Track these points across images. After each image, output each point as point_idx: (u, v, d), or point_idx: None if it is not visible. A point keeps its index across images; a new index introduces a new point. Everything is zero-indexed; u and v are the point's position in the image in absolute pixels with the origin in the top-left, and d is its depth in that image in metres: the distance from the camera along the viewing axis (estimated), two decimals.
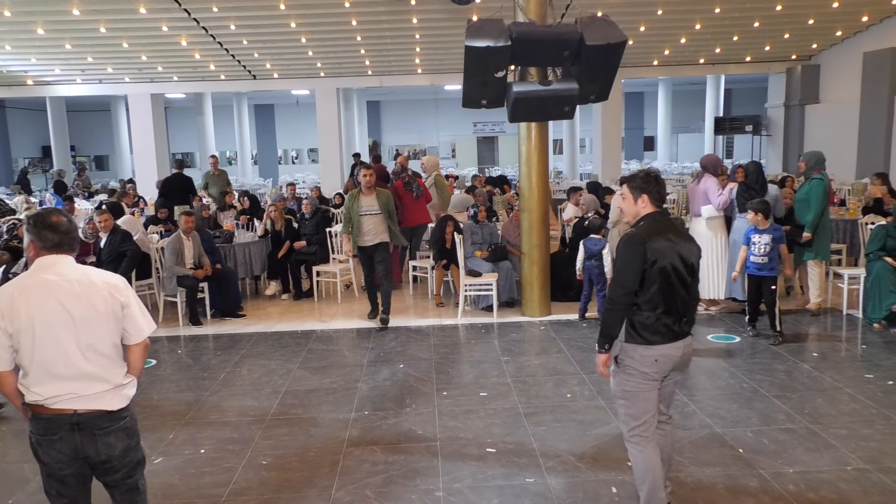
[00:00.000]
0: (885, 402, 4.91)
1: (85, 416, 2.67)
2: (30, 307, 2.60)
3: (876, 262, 6.82)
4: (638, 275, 3.17)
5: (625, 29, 6.35)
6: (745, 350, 6.21)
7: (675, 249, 3.21)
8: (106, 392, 2.70)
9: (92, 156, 29.82)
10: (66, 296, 2.64)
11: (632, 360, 3.23)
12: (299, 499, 3.83)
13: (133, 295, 2.82)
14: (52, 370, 2.63)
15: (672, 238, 3.23)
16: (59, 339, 2.62)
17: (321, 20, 12.84)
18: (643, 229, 3.24)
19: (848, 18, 14.04)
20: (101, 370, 2.69)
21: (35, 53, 14.71)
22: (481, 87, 6.26)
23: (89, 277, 2.72)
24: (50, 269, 2.68)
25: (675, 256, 3.20)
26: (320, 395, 5.40)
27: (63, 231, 2.73)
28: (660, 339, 3.19)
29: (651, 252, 3.15)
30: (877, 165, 13.50)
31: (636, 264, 3.17)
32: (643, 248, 3.16)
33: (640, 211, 3.33)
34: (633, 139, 29.71)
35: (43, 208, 2.97)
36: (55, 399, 2.65)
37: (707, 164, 7.41)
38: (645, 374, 3.22)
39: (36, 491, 4.01)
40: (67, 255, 2.75)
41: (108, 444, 2.71)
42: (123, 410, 2.77)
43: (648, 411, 3.25)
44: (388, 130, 30.71)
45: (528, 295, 7.60)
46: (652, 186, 3.30)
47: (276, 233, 8.99)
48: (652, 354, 3.19)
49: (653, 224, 3.26)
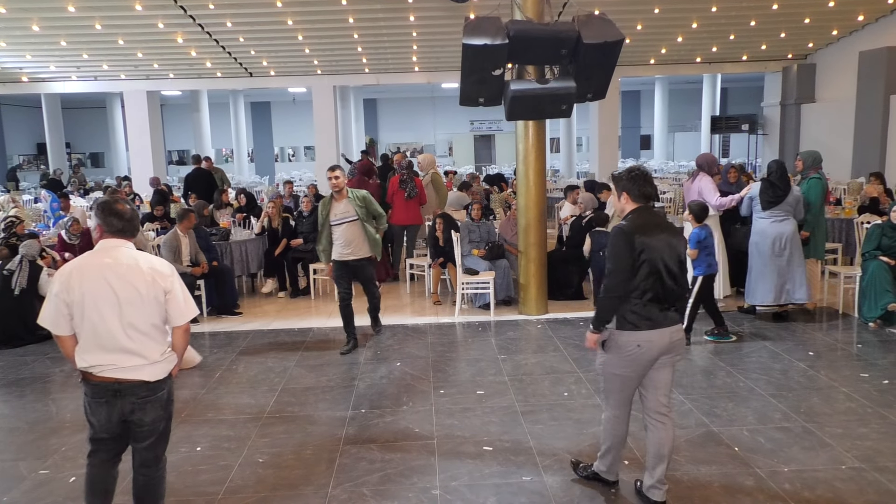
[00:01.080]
0: (881, 401, 4.92)
1: (125, 385, 3.01)
2: (82, 284, 2.96)
3: (871, 261, 6.84)
4: (629, 264, 3.37)
5: (622, 27, 6.35)
6: (741, 349, 6.22)
7: (660, 241, 3.40)
8: (144, 366, 3.03)
9: (87, 153, 29.74)
10: (114, 277, 2.97)
11: (616, 344, 3.46)
12: (296, 497, 3.82)
13: (178, 281, 3.11)
14: (98, 342, 2.98)
15: (658, 231, 3.42)
16: (104, 315, 2.96)
17: (318, 18, 12.82)
18: (629, 223, 3.44)
19: (844, 17, 14.07)
20: (139, 347, 3.01)
21: (30, 50, 14.65)
22: (478, 85, 6.25)
23: (137, 262, 3.03)
24: (108, 252, 3.03)
25: (661, 248, 3.39)
26: (317, 393, 5.39)
27: (126, 219, 3.08)
28: (646, 325, 3.39)
29: (638, 244, 3.36)
30: (872, 164, 13.55)
31: (625, 255, 3.37)
32: (630, 240, 3.36)
33: (625, 207, 3.55)
34: (629, 138, 29.74)
35: (111, 196, 3.25)
36: (100, 368, 2.99)
37: (702, 162, 7.40)
38: (627, 358, 3.45)
39: (31, 489, 4.00)
40: (128, 239, 3.10)
41: (144, 411, 3.06)
42: (161, 383, 3.09)
43: (624, 392, 3.55)
44: (384, 128, 30.68)
45: (525, 293, 7.61)
46: (632, 184, 3.50)
47: (272, 230, 8.98)
48: (635, 340, 3.40)
49: (638, 218, 3.46)
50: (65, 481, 4.07)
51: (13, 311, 6.95)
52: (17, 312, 6.97)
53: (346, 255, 6.37)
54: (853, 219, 8.76)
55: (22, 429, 4.92)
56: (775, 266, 6.72)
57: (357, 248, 6.37)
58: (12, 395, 5.61)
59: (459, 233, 7.84)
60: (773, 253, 6.71)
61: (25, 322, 7.02)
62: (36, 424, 4.97)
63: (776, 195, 6.67)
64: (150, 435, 3.12)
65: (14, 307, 6.94)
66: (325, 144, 17.56)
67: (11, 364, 6.41)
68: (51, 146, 21.52)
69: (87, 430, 3.15)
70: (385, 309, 7.98)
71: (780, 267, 6.71)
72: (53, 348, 6.90)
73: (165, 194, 12.20)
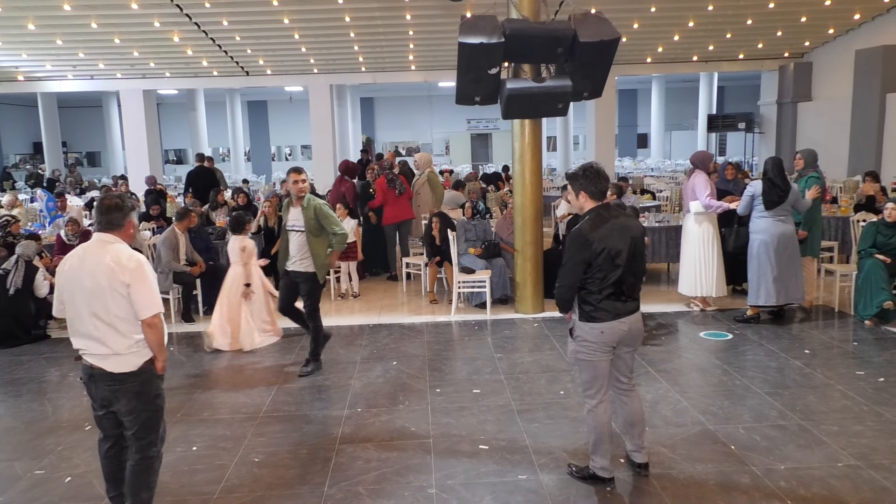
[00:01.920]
0: (876, 398, 4.93)
1: (96, 371, 3.21)
2: (62, 272, 3.23)
3: (867, 259, 6.86)
4: (581, 268, 3.59)
5: (618, 26, 6.35)
6: (737, 347, 6.23)
7: (618, 237, 3.58)
8: (109, 356, 3.17)
9: (84, 152, 29.67)
10: (86, 268, 3.15)
11: (583, 333, 3.69)
12: (292, 496, 3.82)
13: (144, 276, 3.16)
14: (73, 327, 3.23)
15: (615, 227, 3.59)
16: (76, 303, 3.18)
17: (314, 16, 12.80)
18: (587, 224, 3.61)
19: (840, 16, 14.08)
20: (103, 336, 3.15)
21: (26, 49, 14.60)
22: (475, 83, 6.25)
23: (104, 256, 3.14)
24: (90, 244, 3.24)
25: (617, 242, 3.57)
26: (313, 392, 5.39)
27: (102, 212, 3.22)
28: (607, 316, 3.62)
29: (596, 244, 3.54)
30: (868, 163, 13.57)
31: (579, 257, 3.58)
32: (588, 241, 3.55)
33: (584, 205, 3.71)
34: (626, 136, 29.76)
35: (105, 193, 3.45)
36: (82, 351, 3.23)
37: (696, 160, 7.40)
38: (593, 345, 3.67)
39: (26, 489, 3.99)
40: (106, 233, 3.22)
41: (118, 399, 3.23)
42: (130, 375, 3.20)
43: (598, 378, 3.73)
44: (381, 127, 30.65)
45: (521, 292, 7.61)
46: (588, 182, 3.65)
47: (268, 229, 8.96)
48: (599, 328, 3.64)
49: (597, 218, 3.63)
50: (60, 481, 4.06)
51: (8, 310, 6.93)
52: (11, 312, 6.95)
53: (288, 265, 5.80)
54: (849, 217, 8.78)
55: (18, 429, 4.90)
56: (780, 266, 6.69)
57: (299, 261, 5.71)
58: (8, 395, 5.60)
59: (455, 231, 7.84)
60: (778, 252, 6.68)
61: (20, 322, 7.01)
62: (32, 424, 4.96)
63: (779, 194, 6.62)
64: (132, 424, 3.26)
65: (8, 307, 6.93)
66: (322, 143, 17.53)
67: (7, 364, 6.40)
68: (47, 145, 21.47)
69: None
70: (381, 308, 7.99)
71: (783, 267, 6.71)
72: (49, 348, 6.89)
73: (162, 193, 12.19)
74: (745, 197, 6.90)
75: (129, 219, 3.29)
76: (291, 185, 5.69)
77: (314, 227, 5.61)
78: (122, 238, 3.26)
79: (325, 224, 5.62)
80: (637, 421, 3.87)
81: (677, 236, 8.04)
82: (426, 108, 29.60)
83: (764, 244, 6.72)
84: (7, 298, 6.93)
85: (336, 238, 5.66)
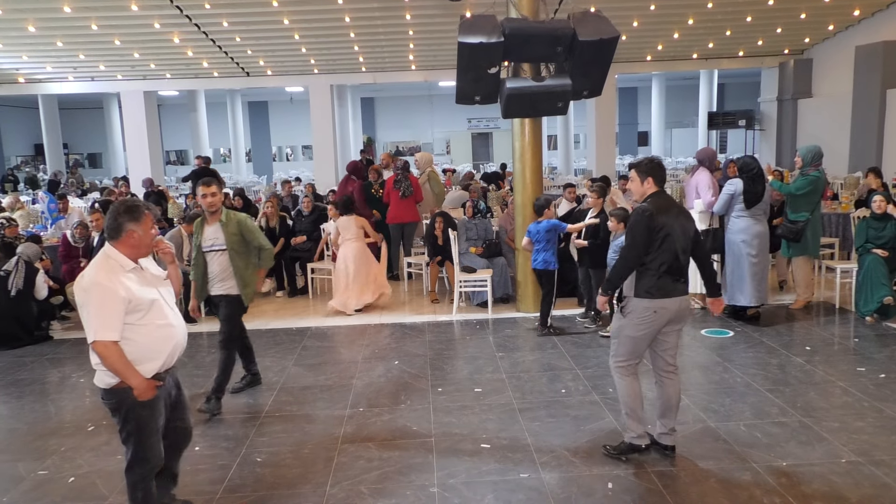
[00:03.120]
0: (877, 395, 4.94)
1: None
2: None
3: (867, 255, 6.86)
4: (647, 240, 3.84)
5: (618, 24, 6.35)
6: (738, 344, 6.23)
7: (677, 221, 3.91)
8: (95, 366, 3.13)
9: (85, 153, 29.72)
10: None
11: (634, 311, 3.92)
12: (294, 495, 3.83)
13: (90, 300, 2.97)
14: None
15: (674, 212, 3.94)
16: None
17: (314, 17, 12.81)
18: (652, 204, 3.92)
19: (840, 12, 14.08)
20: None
21: (26, 51, 14.63)
22: (474, 83, 6.26)
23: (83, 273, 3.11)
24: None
25: (677, 226, 3.89)
26: (315, 392, 5.40)
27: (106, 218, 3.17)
28: (660, 294, 3.86)
29: (659, 223, 3.85)
30: (869, 159, 13.55)
31: (645, 233, 3.84)
32: (652, 219, 3.86)
33: (646, 190, 4.03)
34: (627, 134, 29.74)
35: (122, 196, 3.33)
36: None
37: (702, 157, 7.36)
38: (644, 322, 3.91)
39: (30, 490, 4.01)
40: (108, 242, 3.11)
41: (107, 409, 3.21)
42: (104, 391, 3.13)
43: (635, 353, 4.01)
44: (382, 127, 30.67)
45: (522, 291, 7.61)
46: (656, 170, 4.02)
47: (270, 230, 8.98)
48: (652, 307, 3.87)
49: (659, 199, 3.95)
50: (63, 482, 4.08)
51: (9, 312, 6.94)
52: (13, 313, 6.97)
53: (211, 290, 5.14)
54: (850, 213, 8.77)
55: (20, 430, 4.92)
56: (759, 266, 6.69)
57: (220, 283, 5.08)
58: (11, 396, 5.61)
59: (457, 231, 7.85)
60: (759, 253, 6.66)
61: (22, 323, 7.03)
62: (34, 425, 4.98)
63: (759, 193, 6.59)
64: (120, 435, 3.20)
65: (10, 308, 6.94)
66: (323, 144, 17.56)
67: (9, 365, 6.42)
68: (48, 147, 21.51)
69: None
70: (383, 307, 8.00)
71: (761, 267, 6.71)
72: (52, 349, 6.91)
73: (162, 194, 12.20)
74: (724, 196, 6.73)
75: (126, 230, 3.07)
76: (201, 200, 4.99)
77: (237, 243, 4.99)
78: (121, 250, 3.07)
79: (251, 238, 5.05)
80: (673, 406, 4.07)
81: None
82: (427, 108, 29.61)
83: (746, 244, 6.67)
84: (9, 300, 6.94)
85: (263, 254, 5.14)
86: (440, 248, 8.16)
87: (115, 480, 4.04)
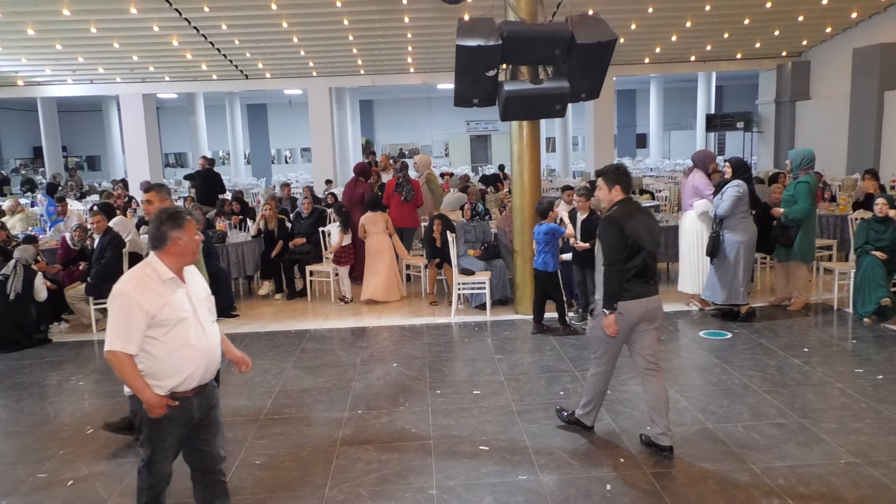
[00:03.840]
0: (875, 396, 4.95)
1: None
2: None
3: (865, 256, 6.87)
4: (622, 244, 3.99)
5: (616, 27, 6.37)
6: (736, 346, 6.24)
7: (643, 225, 4.06)
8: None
9: (84, 156, 29.72)
10: None
11: (602, 313, 4.09)
12: (293, 498, 3.84)
13: (112, 307, 2.95)
14: None
15: (640, 217, 4.09)
16: None
17: (313, 20, 12.83)
18: (619, 212, 4.08)
19: (837, 15, 14.12)
20: None
21: (25, 54, 14.64)
22: (473, 85, 6.28)
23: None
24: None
25: (644, 231, 4.05)
26: (314, 395, 5.41)
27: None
28: (628, 296, 4.03)
29: (628, 229, 3.99)
30: (867, 161, 13.58)
31: (618, 238, 4.00)
32: (621, 226, 4.01)
33: (613, 197, 4.17)
34: (625, 137, 29.79)
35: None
36: None
37: (696, 159, 7.42)
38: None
39: (29, 492, 4.01)
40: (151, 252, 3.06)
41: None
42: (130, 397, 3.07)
43: (608, 353, 4.25)
44: (381, 129, 30.70)
45: (520, 293, 7.62)
46: (623, 178, 4.17)
47: (268, 232, 8.98)
48: (618, 308, 4.03)
49: (625, 207, 4.12)
50: (63, 485, 4.08)
51: (8, 315, 6.94)
52: (12, 317, 6.96)
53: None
54: (847, 215, 8.78)
55: (20, 432, 4.92)
56: (749, 266, 6.93)
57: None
58: (10, 399, 5.61)
59: (455, 233, 7.86)
60: (751, 253, 6.91)
61: (22, 326, 7.03)
62: (34, 428, 4.98)
63: (755, 194, 6.82)
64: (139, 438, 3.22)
65: (9, 312, 6.94)
66: (322, 146, 17.58)
67: (9, 368, 6.41)
68: (47, 150, 21.51)
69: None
70: (382, 310, 8.01)
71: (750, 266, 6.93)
72: (51, 352, 6.91)
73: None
74: (730, 198, 6.65)
75: (171, 238, 3.00)
76: (145, 207, 4.80)
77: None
78: (164, 259, 3.01)
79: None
80: (662, 404, 4.13)
81: (676, 236, 8.05)
82: (425, 110, 29.64)
83: (746, 245, 6.76)
84: (7, 303, 6.94)
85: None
86: (439, 251, 8.17)
87: (114, 483, 4.05)
